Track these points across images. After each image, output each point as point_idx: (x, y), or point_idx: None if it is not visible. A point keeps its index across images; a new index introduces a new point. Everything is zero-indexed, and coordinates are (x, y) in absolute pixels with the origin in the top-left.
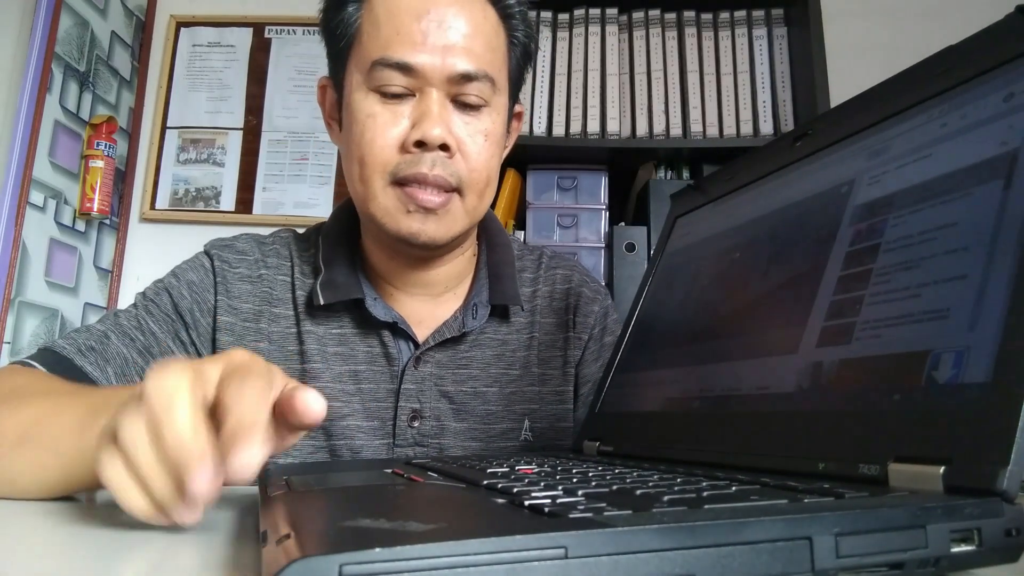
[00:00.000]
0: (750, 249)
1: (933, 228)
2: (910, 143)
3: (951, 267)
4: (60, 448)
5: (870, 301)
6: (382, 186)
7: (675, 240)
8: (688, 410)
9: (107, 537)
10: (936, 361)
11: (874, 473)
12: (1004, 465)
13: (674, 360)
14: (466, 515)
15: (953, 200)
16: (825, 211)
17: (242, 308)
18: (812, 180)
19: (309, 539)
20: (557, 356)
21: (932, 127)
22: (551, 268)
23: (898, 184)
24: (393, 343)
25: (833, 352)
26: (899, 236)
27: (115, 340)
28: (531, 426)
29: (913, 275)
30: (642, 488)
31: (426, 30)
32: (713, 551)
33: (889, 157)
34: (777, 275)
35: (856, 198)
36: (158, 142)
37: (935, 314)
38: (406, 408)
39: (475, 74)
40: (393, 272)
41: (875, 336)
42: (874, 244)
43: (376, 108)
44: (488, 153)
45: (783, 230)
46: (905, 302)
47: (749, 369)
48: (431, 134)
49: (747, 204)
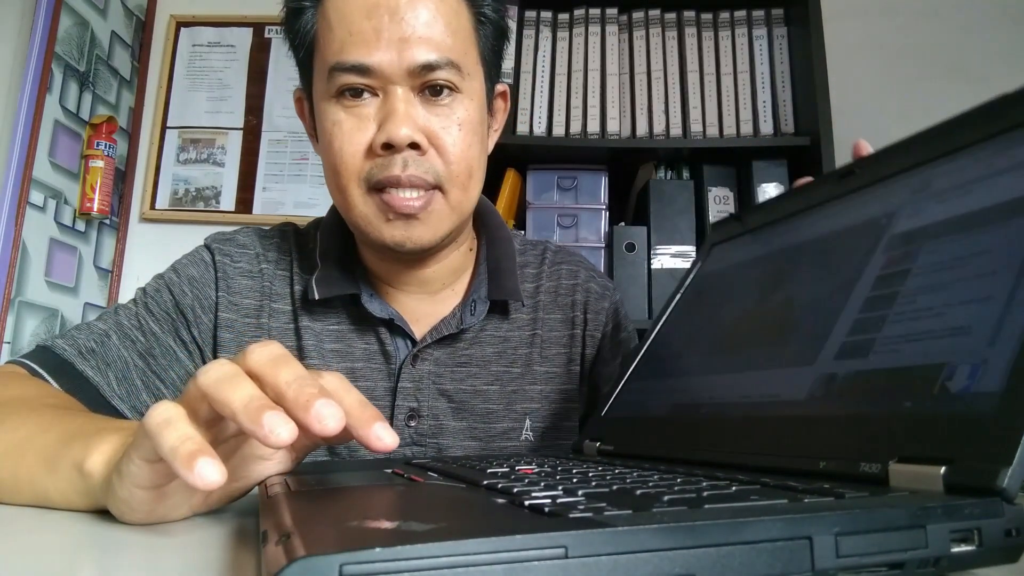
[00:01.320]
0: (781, 273)
1: (965, 256)
2: (953, 180)
3: (977, 289)
4: (34, 477)
5: (894, 319)
6: (360, 194)
7: (708, 265)
8: (693, 414)
9: (107, 537)
10: (952, 372)
11: (875, 473)
12: (1004, 465)
13: (687, 371)
14: (466, 515)
15: (988, 231)
16: (861, 240)
17: (243, 304)
18: (853, 213)
19: (309, 539)
20: (562, 354)
21: (978, 167)
22: (556, 263)
23: (936, 215)
24: (390, 340)
25: (849, 364)
26: (930, 262)
27: (116, 341)
28: (532, 426)
29: (938, 296)
30: (642, 488)
31: (379, 26)
32: (713, 551)
33: (931, 192)
34: (805, 297)
35: (894, 228)
36: (158, 142)
37: (956, 330)
38: (403, 407)
39: (437, 63)
40: (387, 272)
41: (894, 350)
42: (905, 269)
43: (340, 115)
44: (465, 143)
45: (817, 257)
46: (928, 320)
47: (762, 379)
48: (397, 135)
49: (785, 234)
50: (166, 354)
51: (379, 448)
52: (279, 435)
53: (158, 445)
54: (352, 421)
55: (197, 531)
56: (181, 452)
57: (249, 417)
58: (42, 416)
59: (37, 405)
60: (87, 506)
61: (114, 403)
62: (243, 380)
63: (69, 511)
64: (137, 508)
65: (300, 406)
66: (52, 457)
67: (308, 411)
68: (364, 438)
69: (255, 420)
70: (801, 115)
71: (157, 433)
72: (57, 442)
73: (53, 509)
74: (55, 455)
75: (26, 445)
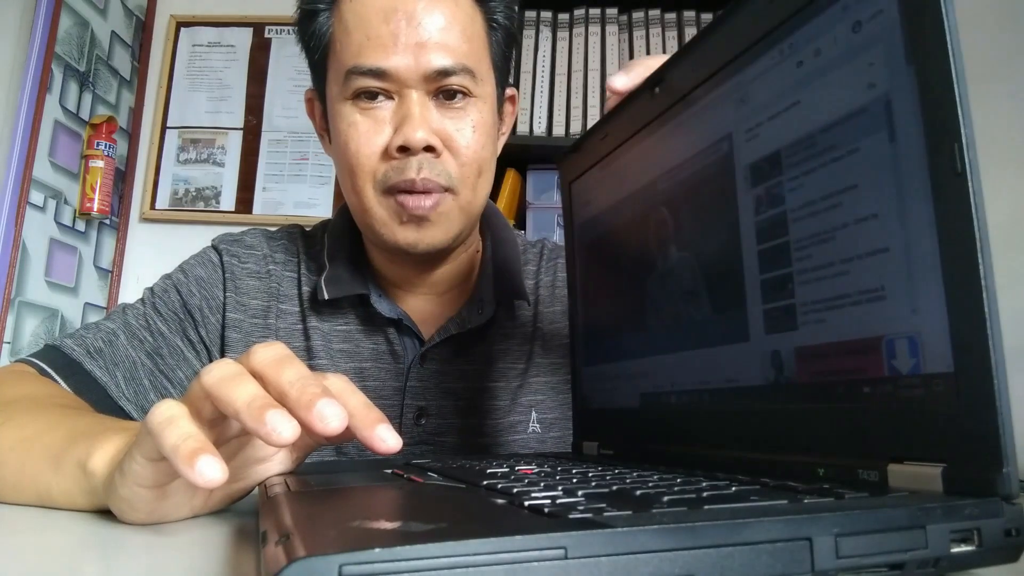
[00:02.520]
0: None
1: (834, 192)
2: (772, 88)
3: (868, 238)
4: (38, 475)
5: (800, 280)
6: (375, 196)
7: (578, 210)
8: (672, 407)
9: (108, 537)
10: (892, 349)
11: (873, 475)
12: (1004, 465)
13: (631, 349)
14: (466, 515)
15: (843, 157)
16: (714, 173)
17: (250, 304)
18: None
19: (309, 539)
20: (564, 344)
21: (788, 67)
22: (552, 258)
23: (778, 140)
24: (399, 340)
25: (785, 340)
26: (802, 203)
27: (124, 341)
28: (539, 417)
29: (832, 248)
30: (642, 489)
31: (396, 30)
32: (713, 551)
33: (757, 106)
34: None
35: (741, 157)
36: (158, 142)
37: (871, 294)
38: (412, 406)
39: (453, 69)
40: (396, 273)
41: (820, 320)
42: (780, 212)
43: (356, 117)
44: (478, 144)
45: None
46: (835, 280)
47: (708, 360)
48: (413, 138)
49: (634, 166)
50: (174, 354)
51: (382, 450)
52: (281, 434)
53: (160, 443)
54: (356, 422)
55: (197, 531)
56: (183, 450)
57: (252, 416)
58: (49, 415)
59: (45, 404)
60: (90, 505)
61: (121, 404)
62: (246, 379)
63: (71, 511)
64: (139, 507)
65: (303, 405)
66: (57, 455)
67: (311, 410)
68: (368, 439)
69: (258, 419)
70: None
71: (159, 431)
72: (62, 441)
73: (55, 509)
74: (60, 453)
75: (32, 443)
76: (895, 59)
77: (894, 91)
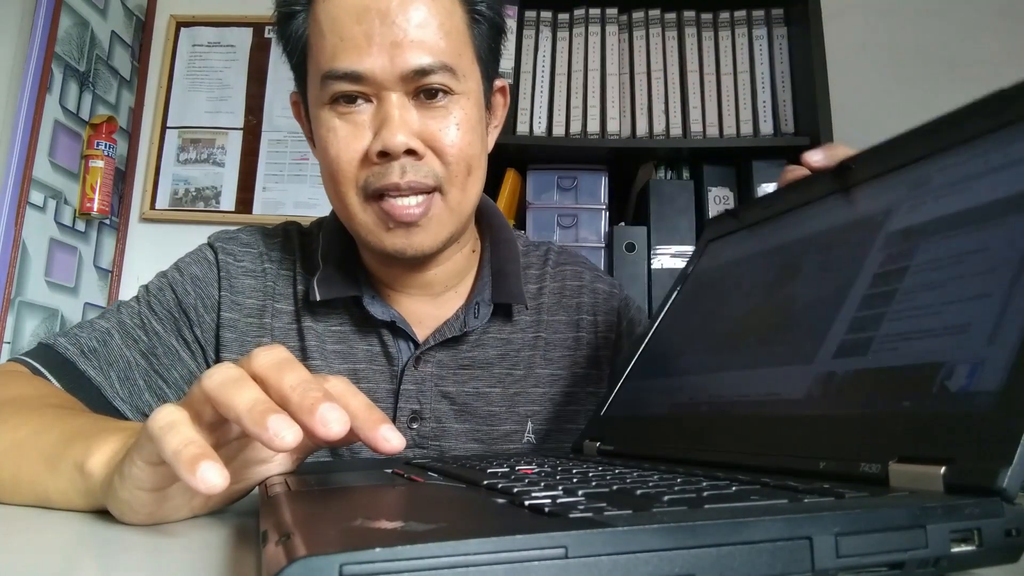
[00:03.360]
0: (778, 270)
1: (963, 252)
2: (951, 176)
3: (976, 287)
4: (34, 477)
5: (892, 317)
6: (359, 202)
7: (704, 262)
8: (692, 413)
9: (107, 538)
10: (951, 371)
11: (875, 473)
12: (1004, 465)
13: (686, 370)
14: (466, 515)
15: (986, 228)
16: (858, 236)
17: (245, 304)
18: (849, 209)
19: (309, 539)
20: (566, 356)
21: (975, 163)
22: (559, 264)
23: (934, 212)
24: (393, 342)
25: (848, 363)
26: (928, 259)
27: (118, 340)
28: (535, 428)
29: (937, 294)
30: (642, 488)
31: (370, 31)
32: (713, 551)
33: (929, 188)
34: (803, 294)
35: (891, 225)
36: (158, 142)
37: (955, 329)
38: (405, 409)
39: (431, 67)
40: (388, 275)
41: (892, 349)
42: (903, 267)
43: (335, 122)
44: (464, 142)
45: (815, 253)
46: (926, 318)
47: (760, 377)
48: (393, 142)
49: (781, 231)
50: (168, 354)
51: (386, 450)
52: (284, 438)
53: (161, 448)
54: (358, 424)
55: (197, 531)
56: (184, 456)
57: (254, 420)
58: (44, 416)
59: (39, 405)
60: (87, 506)
61: (115, 404)
62: (247, 384)
63: (69, 511)
64: (138, 509)
65: (304, 410)
66: (53, 456)
67: (313, 415)
68: (371, 440)
69: (260, 423)
70: (801, 115)
71: (160, 436)
72: (58, 442)
73: (53, 509)
74: (56, 454)
75: (27, 444)
76: None
77: None
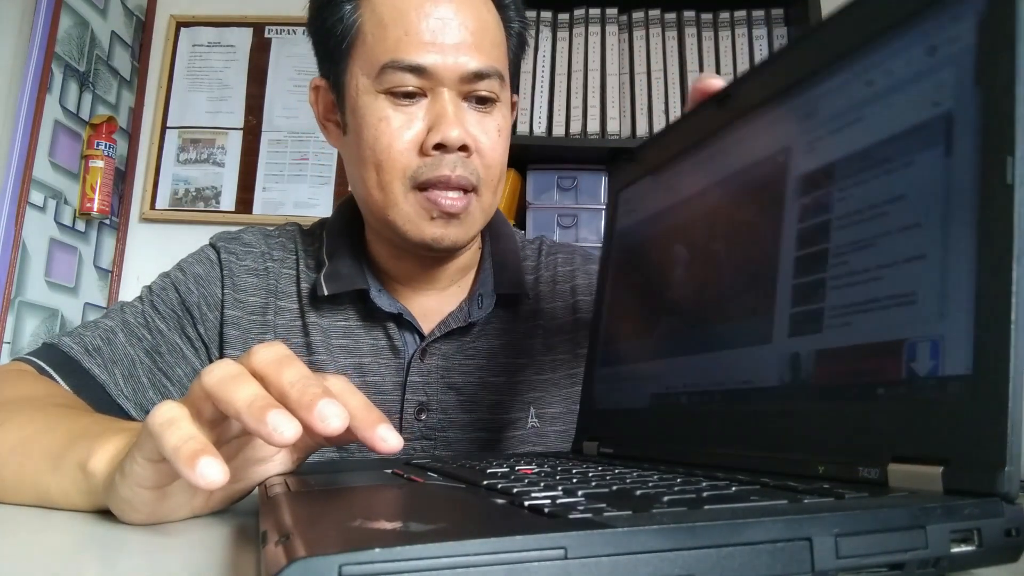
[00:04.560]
0: (700, 227)
1: (881, 202)
2: (839, 105)
3: (908, 246)
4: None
5: (832, 285)
6: (403, 192)
7: (622, 218)
8: (681, 407)
9: (108, 537)
10: (913, 352)
11: (873, 474)
12: (1004, 465)
13: (650, 352)
14: (466, 515)
15: (896, 170)
16: (767, 182)
17: (248, 301)
18: (747, 147)
19: (309, 539)
20: (566, 340)
21: (858, 86)
22: (551, 254)
23: (835, 152)
24: (399, 335)
25: (808, 342)
26: (848, 211)
27: (122, 339)
28: (537, 413)
29: (871, 255)
30: (642, 489)
31: (435, 29)
32: (713, 551)
33: (820, 121)
34: (733, 255)
35: (795, 168)
36: (158, 142)
37: (901, 299)
38: (413, 401)
39: (486, 71)
40: (399, 269)
41: (846, 324)
42: (824, 220)
43: (388, 111)
44: (501, 148)
45: (729, 204)
46: (868, 286)
47: (727, 361)
48: (451, 136)
49: (686, 175)
50: (172, 352)
51: (383, 450)
52: (283, 433)
53: (161, 445)
54: (356, 423)
55: (197, 531)
56: (184, 452)
57: (253, 416)
58: (48, 415)
59: (44, 404)
60: (89, 506)
61: (120, 402)
62: (247, 380)
63: (71, 511)
64: (139, 508)
65: (304, 406)
66: (56, 456)
67: (312, 410)
68: (369, 440)
69: (259, 419)
70: None
71: (160, 433)
72: (62, 441)
73: (55, 509)
74: (59, 454)
75: (31, 443)
76: (964, 80)
77: (957, 108)
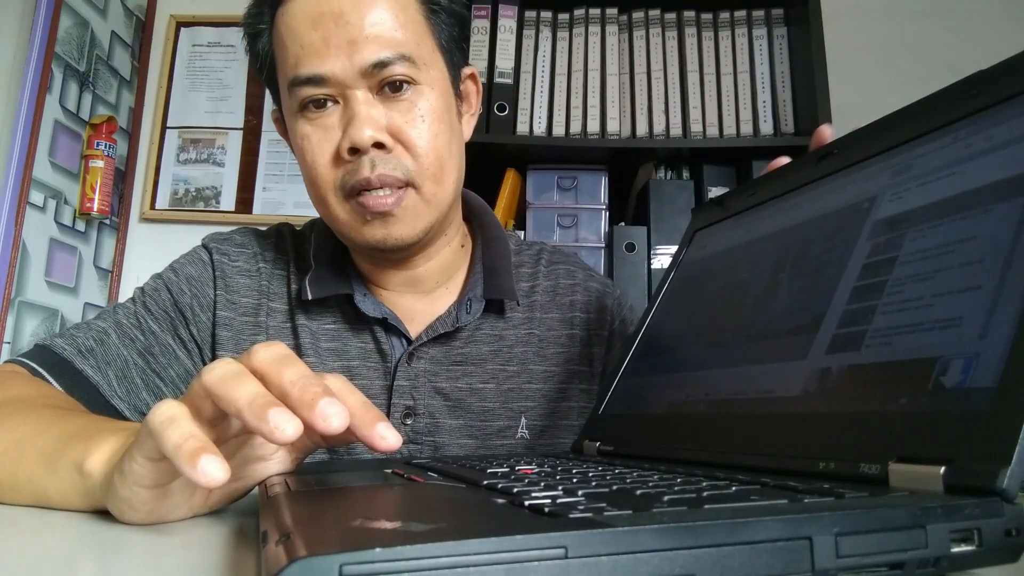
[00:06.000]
0: (766, 261)
1: (951, 242)
2: (934, 162)
3: (966, 278)
4: (33, 477)
5: (883, 310)
6: (337, 202)
7: (692, 252)
8: (691, 412)
9: (107, 537)
10: (945, 367)
11: (874, 473)
12: (1004, 465)
13: (681, 366)
14: (466, 515)
15: (973, 216)
16: (845, 225)
17: (241, 302)
18: (834, 197)
19: (309, 539)
20: (560, 353)
21: (957, 148)
22: (553, 263)
23: (919, 200)
24: (386, 339)
25: (842, 358)
26: (917, 249)
27: (115, 339)
28: (528, 424)
29: (927, 286)
30: (642, 488)
31: (326, 34)
32: (713, 551)
33: (912, 175)
34: (792, 286)
35: (877, 213)
36: (158, 142)
37: (947, 322)
38: (399, 405)
39: (389, 59)
40: (377, 273)
41: (886, 343)
42: (891, 257)
43: (307, 128)
44: (431, 133)
45: (801, 243)
46: (918, 311)
47: (755, 374)
48: (360, 137)
49: (767, 219)
50: (165, 352)
51: (383, 448)
52: (284, 431)
53: (161, 443)
54: (355, 422)
55: (197, 531)
56: (185, 449)
57: (254, 414)
58: (42, 416)
59: (37, 405)
60: (86, 506)
61: (113, 402)
62: (248, 378)
63: (68, 511)
64: (138, 507)
65: (304, 404)
66: (52, 457)
67: (313, 409)
68: (368, 438)
69: (260, 416)
70: (801, 115)
71: (160, 431)
72: (57, 442)
73: (53, 509)
74: (55, 455)
75: (26, 445)
76: None
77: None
